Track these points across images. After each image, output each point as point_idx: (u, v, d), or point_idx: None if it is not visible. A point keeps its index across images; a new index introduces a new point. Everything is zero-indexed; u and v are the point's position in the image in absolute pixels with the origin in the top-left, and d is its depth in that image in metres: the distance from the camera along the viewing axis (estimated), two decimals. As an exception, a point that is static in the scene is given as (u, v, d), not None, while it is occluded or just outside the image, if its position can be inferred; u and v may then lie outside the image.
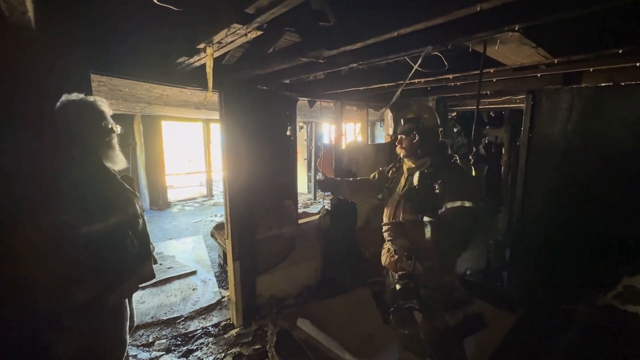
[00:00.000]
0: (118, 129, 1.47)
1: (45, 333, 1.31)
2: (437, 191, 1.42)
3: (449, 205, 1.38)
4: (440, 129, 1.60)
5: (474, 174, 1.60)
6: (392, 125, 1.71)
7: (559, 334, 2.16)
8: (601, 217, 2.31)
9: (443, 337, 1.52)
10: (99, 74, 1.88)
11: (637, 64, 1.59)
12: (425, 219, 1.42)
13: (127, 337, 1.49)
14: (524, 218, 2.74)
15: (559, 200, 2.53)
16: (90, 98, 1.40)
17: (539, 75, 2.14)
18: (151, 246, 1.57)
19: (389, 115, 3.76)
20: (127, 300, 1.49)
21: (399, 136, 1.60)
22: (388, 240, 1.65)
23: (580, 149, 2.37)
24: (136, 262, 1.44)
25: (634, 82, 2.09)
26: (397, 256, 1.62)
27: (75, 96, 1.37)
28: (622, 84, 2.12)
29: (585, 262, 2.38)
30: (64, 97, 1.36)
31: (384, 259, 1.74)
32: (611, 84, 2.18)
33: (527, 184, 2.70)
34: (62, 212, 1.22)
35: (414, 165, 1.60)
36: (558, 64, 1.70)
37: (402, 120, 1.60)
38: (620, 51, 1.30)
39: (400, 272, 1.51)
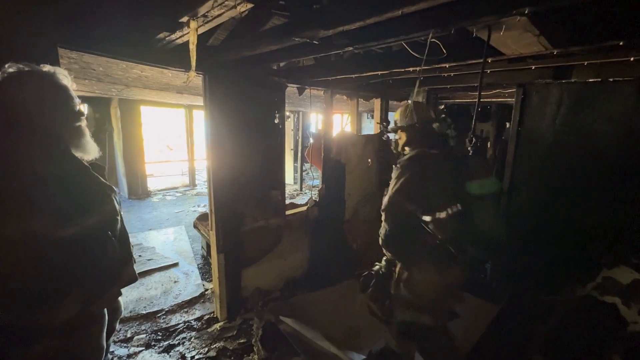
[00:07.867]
0: (85, 108, 1.27)
1: (12, 350, 1.10)
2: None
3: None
4: (436, 124, 1.65)
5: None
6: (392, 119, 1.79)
7: (539, 324, 2.22)
8: (583, 212, 2.37)
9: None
10: (69, 49, 1.68)
11: (631, 59, 1.59)
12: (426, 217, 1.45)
13: (104, 342, 1.33)
14: (510, 212, 2.78)
15: (543, 194, 2.58)
16: (47, 68, 1.09)
17: (533, 67, 2.13)
18: (131, 247, 1.43)
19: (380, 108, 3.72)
20: None
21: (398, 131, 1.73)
22: None
23: (567, 143, 2.40)
24: (118, 266, 1.26)
25: (621, 79, 2.12)
26: None
27: (27, 66, 1.05)
28: (611, 80, 2.15)
29: (566, 255, 2.45)
30: (8, 67, 1.04)
31: None
32: (599, 79, 2.20)
33: (514, 177, 2.72)
34: (33, 217, 0.99)
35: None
36: (555, 55, 1.68)
37: (400, 113, 1.72)
38: (620, 43, 1.28)
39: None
